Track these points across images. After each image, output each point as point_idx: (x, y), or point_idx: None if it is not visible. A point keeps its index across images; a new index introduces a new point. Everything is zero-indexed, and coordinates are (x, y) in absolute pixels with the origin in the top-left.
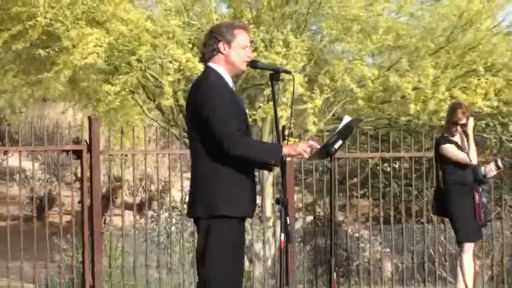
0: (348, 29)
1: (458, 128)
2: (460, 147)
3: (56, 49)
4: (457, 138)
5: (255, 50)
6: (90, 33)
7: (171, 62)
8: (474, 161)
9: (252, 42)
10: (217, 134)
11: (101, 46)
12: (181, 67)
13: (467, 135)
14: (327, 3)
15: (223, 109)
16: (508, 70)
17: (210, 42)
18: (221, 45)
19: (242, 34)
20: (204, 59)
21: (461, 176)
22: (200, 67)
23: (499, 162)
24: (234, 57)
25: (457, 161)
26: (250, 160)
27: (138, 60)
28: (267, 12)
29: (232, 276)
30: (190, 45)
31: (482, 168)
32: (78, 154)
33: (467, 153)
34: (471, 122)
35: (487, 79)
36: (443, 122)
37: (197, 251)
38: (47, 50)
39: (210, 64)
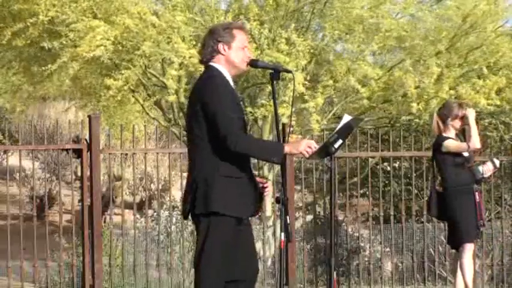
0: (350, 29)
1: (463, 120)
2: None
3: (62, 41)
4: (452, 134)
5: (257, 48)
6: (97, 25)
7: (176, 56)
8: (478, 145)
9: (254, 39)
10: (221, 131)
11: (108, 39)
12: (185, 62)
13: (469, 125)
14: (330, 3)
15: (228, 107)
16: (509, 70)
17: (210, 44)
18: (221, 46)
19: (240, 34)
20: (203, 61)
21: (460, 177)
22: None
23: (496, 162)
24: (234, 57)
25: (456, 163)
26: (253, 157)
27: (141, 56)
28: (271, 10)
29: (226, 274)
30: (194, 42)
31: (480, 168)
32: (78, 153)
33: (468, 144)
34: (472, 112)
35: (489, 79)
36: None
37: (195, 249)
38: (51, 43)
39: (211, 64)
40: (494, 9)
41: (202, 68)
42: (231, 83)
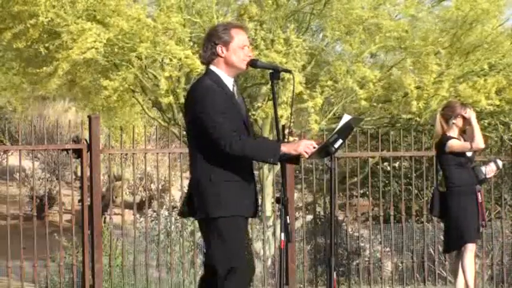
0: (350, 30)
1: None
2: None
3: (56, 44)
4: (455, 134)
5: (256, 48)
6: (89, 27)
7: (170, 59)
8: (481, 144)
9: (252, 39)
10: (213, 135)
11: (100, 42)
12: (180, 63)
13: (471, 125)
14: (330, 4)
15: (215, 112)
16: (510, 70)
17: (208, 46)
18: (219, 49)
19: (240, 34)
20: (204, 63)
21: (463, 177)
22: (199, 64)
23: (499, 163)
24: (233, 58)
25: (459, 163)
26: (248, 158)
27: (138, 58)
28: (270, 10)
29: (245, 266)
30: (191, 43)
31: (483, 168)
32: (78, 153)
33: (471, 144)
34: (473, 113)
35: (490, 78)
36: None
37: (207, 248)
38: (47, 45)
39: (211, 67)
40: (494, 7)
41: (198, 69)
42: (230, 85)
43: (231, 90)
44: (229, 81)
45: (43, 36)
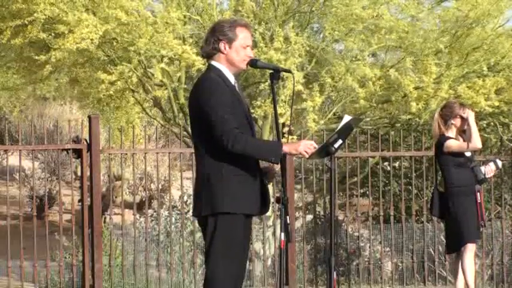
0: (351, 29)
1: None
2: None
3: (53, 34)
4: (453, 134)
5: (255, 45)
6: (86, 18)
7: (166, 50)
8: (479, 144)
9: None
10: (216, 131)
11: (96, 33)
12: (176, 56)
13: (469, 125)
14: (329, 2)
15: (222, 107)
16: (510, 70)
17: (211, 40)
18: (222, 45)
19: (244, 32)
20: (204, 56)
21: (462, 177)
22: (195, 58)
23: (498, 163)
24: (235, 56)
25: (458, 163)
26: (250, 157)
27: (137, 53)
28: (269, 8)
29: (235, 270)
30: (191, 40)
31: (482, 168)
32: (78, 153)
33: (468, 144)
34: (471, 113)
35: (489, 79)
36: None
37: (205, 246)
38: (45, 37)
39: (212, 62)
40: (495, 8)
41: (196, 64)
42: (232, 81)
43: (233, 85)
44: (231, 77)
45: (41, 34)
